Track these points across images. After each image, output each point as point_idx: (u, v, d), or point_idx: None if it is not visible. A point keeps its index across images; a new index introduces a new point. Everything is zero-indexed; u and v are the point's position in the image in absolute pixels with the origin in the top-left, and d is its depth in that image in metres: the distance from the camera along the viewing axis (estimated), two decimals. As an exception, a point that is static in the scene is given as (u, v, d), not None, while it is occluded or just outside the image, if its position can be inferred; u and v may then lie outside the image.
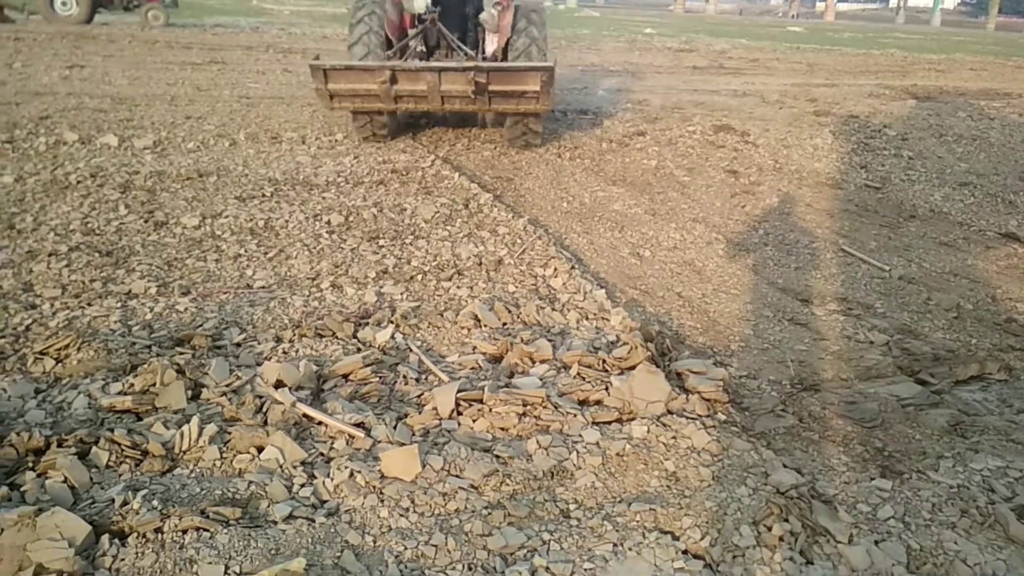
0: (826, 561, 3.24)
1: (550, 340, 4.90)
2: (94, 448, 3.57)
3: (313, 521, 3.25)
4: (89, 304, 5.17)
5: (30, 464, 3.49)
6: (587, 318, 5.31)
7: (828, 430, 4.19)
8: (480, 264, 6.20)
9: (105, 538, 3.04)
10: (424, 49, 9.06)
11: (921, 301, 5.97)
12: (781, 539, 3.30)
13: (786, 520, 3.38)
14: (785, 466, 3.79)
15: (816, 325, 5.46)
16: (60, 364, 4.37)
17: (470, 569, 3.12)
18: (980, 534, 3.39)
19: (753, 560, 3.21)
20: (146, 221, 6.75)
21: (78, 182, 7.63)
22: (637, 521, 3.43)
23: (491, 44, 9.12)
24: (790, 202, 8.35)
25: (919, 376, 4.73)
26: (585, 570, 3.13)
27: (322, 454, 3.75)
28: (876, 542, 3.33)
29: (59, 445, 3.59)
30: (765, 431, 4.16)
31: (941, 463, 3.89)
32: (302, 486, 3.48)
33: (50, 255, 5.91)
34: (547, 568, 3.13)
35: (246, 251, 6.24)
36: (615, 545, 3.26)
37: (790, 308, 5.74)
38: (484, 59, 9.03)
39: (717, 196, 8.49)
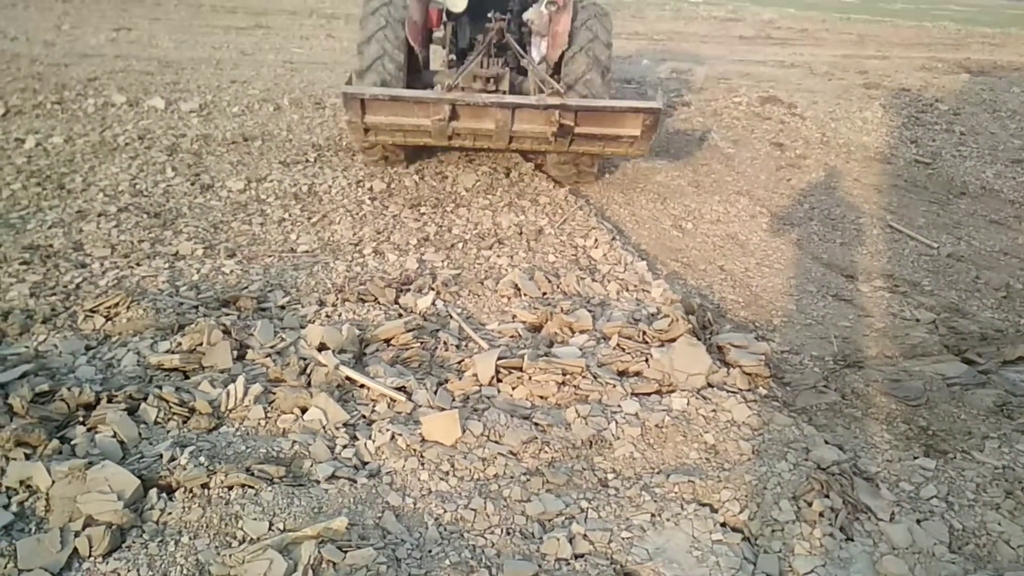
0: (866, 538, 3.22)
1: (590, 311, 4.89)
2: (143, 405, 3.65)
3: (355, 482, 3.30)
4: (138, 264, 5.26)
5: (80, 419, 3.59)
6: (627, 289, 5.29)
7: (871, 407, 4.15)
8: (520, 233, 6.19)
9: (153, 492, 3.12)
10: (453, 55, 7.33)
11: (970, 280, 5.85)
12: (821, 515, 3.28)
13: (827, 496, 3.36)
14: (827, 442, 3.76)
15: (861, 301, 5.38)
16: (110, 322, 4.47)
17: (508, 534, 3.15)
18: (1025, 516, 3.35)
19: (792, 535, 3.20)
20: (192, 184, 6.83)
21: (126, 144, 7.74)
22: (675, 493, 3.43)
23: (537, 49, 7.18)
24: (837, 176, 8.20)
25: (966, 355, 4.65)
26: (623, 539, 3.15)
27: (364, 416, 3.80)
28: (918, 521, 3.31)
29: (109, 401, 3.68)
30: (807, 407, 4.12)
31: (986, 444, 3.83)
32: (344, 447, 3.53)
33: (99, 215, 6.02)
34: (585, 535, 3.15)
35: (290, 215, 6.30)
36: (653, 515, 3.28)
37: (834, 284, 5.66)
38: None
39: (762, 169, 8.36)
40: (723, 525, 3.25)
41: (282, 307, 4.81)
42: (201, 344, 4.18)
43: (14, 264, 5.14)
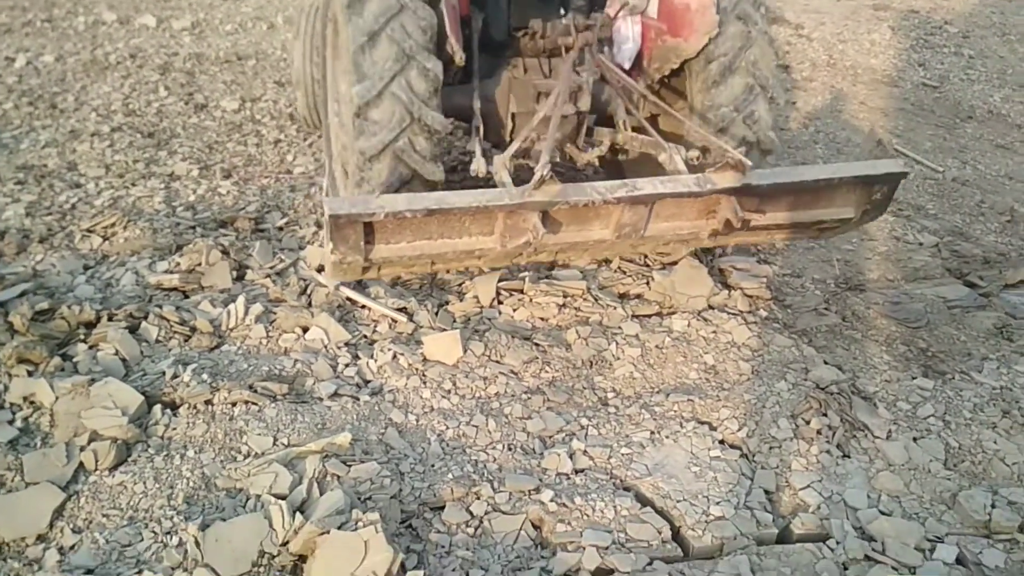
0: (863, 455, 3.26)
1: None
2: (143, 323, 3.65)
3: (358, 399, 3.32)
4: (133, 184, 5.20)
5: (82, 337, 3.59)
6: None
7: (871, 329, 4.15)
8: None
9: (157, 408, 3.15)
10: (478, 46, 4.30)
11: (974, 204, 5.80)
12: (819, 432, 3.31)
13: (824, 415, 3.39)
14: (826, 363, 3.78)
15: (864, 225, 5.33)
16: (107, 242, 4.43)
17: (510, 449, 3.19)
18: (1021, 435, 3.38)
19: (790, 452, 3.24)
20: (186, 103, 6.71)
21: (118, 63, 7.57)
22: (675, 411, 3.46)
23: (630, 42, 4.29)
24: (843, 99, 8.06)
25: (968, 278, 4.64)
26: (622, 455, 3.18)
27: (365, 336, 3.80)
28: (915, 439, 3.34)
29: (109, 319, 3.68)
30: (807, 329, 4.12)
31: (985, 365, 3.85)
32: (346, 366, 3.55)
33: (93, 135, 5.93)
34: (585, 452, 3.19)
35: (286, 136, 6.19)
36: (652, 433, 3.31)
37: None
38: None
39: (766, 92, 8.22)
40: (722, 442, 3.28)
41: (280, 228, 4.77)
42: (200, 264, 4.16)
43: (9, 184, 5.08)
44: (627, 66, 4.29)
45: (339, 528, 2.53)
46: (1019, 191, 6.10)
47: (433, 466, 3.05)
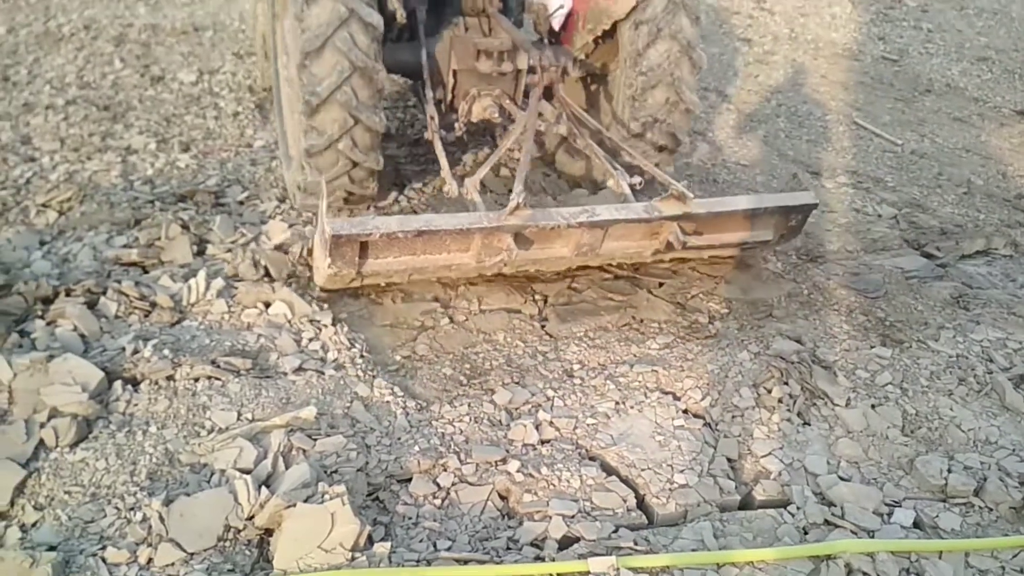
0: (823, 423, 3.32)
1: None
2: (102, 298, 3.59)
3: (323, 373, 3.30)
4: (89, 158, 5.09)
5: (39, 313, 3.52)
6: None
7: (832, 300, 4.21)
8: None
9: (118, 384, 3.10)
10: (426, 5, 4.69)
11: (932, 176, 5.89)
12: (780, 401, 3.37)
13: (786, 383, 3.45)
14: (784, 336, 3.82)
15: (825, 197, 5.40)
16: (63, 217, 4.35)
17: (476, 421, 3.20)
18: (976, 402, 3.47)
19: (751, 420, 3.29)
20: (142, 76, 6.55)
21: (71, 34, 7.36)
22: (639, 382, 3.49)
23: (560, 6, 4.60)
24: (804, 73, 8.11)
25: (925, 249, 4.73)
26: (588, 425, 3.21)
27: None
28: (873, 406, 3.41)
29: (67, 295, 3.61)
30: (768, 299, 4.17)
31: (942, 333, 3.93)
32: (311, 340, 3.52)
33: (47, 108, 5.78)
34: (551, 423, 3.21)
35: (244, 109, 6.09)
36: (617, 403, 3.34)
37: (800, 180, 5.66)
38: (544, 41, 4.70)
39: (729, 66, 8.24)
40: (685, 412, 3.32)
41: (241, 203, 4.70)
42: (159, 239, 4.09)
43: (-41, 158, 4.94)
44: (556, 27, 4.64)
45: (305, 501, 2.53)
46: (976, 163, 6.21)
47: (399, 439, 3.05)
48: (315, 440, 2.90)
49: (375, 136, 4.05)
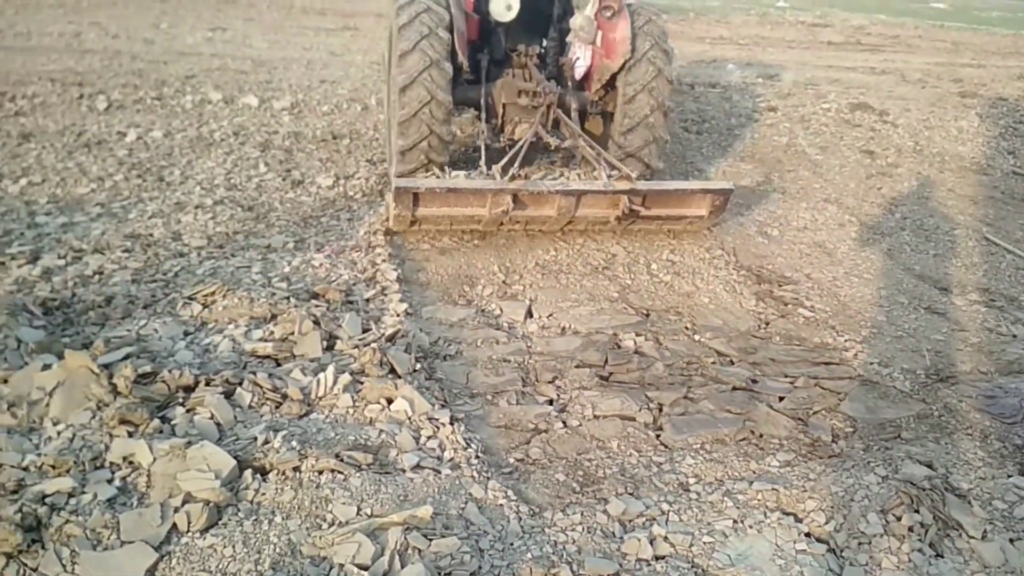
0: (957, 555, 3.13)
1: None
2: (238, 389, 3.78)
3: (439, 472, 3.36)
4: (233, 255, 5.46)
5: (180, 400, 3.74)
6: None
7: (964, 424, 4.02)
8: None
9: (248, 472, 3.23)
10: (488, 60, 6.68)
11: (1072, 296, 5.60)
12: (911, 529, 3.20)
13: (916, 511, 3.28)
14: (914, 459, 3.66)
15: (955, 315, 5.21)
16: (207, 309, 4.64)
17: (589, 532, 3.17)
18: None
19: (880, 548, 3.13)
20: (284, 179, 7.04)
21: (222, 139, 8.02)
22: (758, 500, 3.39)
23: (582, 62, 6.48)
24: (930, 186, 7.95)
25: (1067, 374, 4.47)
26: (704, 543, 3.13)
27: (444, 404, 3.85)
28: (1011, 540, 3.20)
29: (207, 384, 3.82)
30: (896, 420, 4.01)
31: (1089, 466, 3.67)
32: (429, 438, 3.60)
33: (196, 207, 6.26)
34: (666, 538, 3.15)
35: (376, 213, 6.42)
36: (735, 522, 3.25)
37: (927, 296, 5.50)
38: (570, 83, 6.56)
39: (851, 177, 8.16)
40: (808, 535, 3.20)
41: (367, 300, 4.92)
42: (293, 333, 4.31)
43: (117, 251, 5.38)
44: (579, 77, 6.54)
45: (420, 602, 2.55)
46: (1121, 284, 5.87)
47: (512, 544, 3.05)
48: (430, 540, 2.93)
49: (447, 111, 5.87)
